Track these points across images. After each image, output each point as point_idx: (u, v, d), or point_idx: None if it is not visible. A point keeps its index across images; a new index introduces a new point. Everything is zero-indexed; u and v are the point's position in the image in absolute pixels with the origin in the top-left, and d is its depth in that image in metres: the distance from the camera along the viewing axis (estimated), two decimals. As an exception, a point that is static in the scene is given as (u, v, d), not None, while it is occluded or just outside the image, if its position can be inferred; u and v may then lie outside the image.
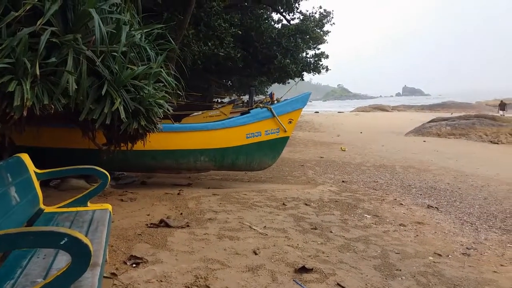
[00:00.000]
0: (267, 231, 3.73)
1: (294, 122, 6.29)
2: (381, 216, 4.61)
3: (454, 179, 7.25)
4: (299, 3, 14.43)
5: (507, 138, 14.32)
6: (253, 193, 5.40)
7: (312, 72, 15.81)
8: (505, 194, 6.04)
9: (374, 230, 4.04)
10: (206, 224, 3.85)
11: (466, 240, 3.90)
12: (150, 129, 3.79)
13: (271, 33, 12.78)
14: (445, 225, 4.42)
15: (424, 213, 4.91)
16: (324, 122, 25.46)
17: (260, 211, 4.45)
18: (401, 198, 5.70)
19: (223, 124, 5.77)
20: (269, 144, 6.02)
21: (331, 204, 5.04)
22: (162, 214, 4.08)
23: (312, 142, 14.33)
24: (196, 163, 5.64)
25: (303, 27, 13.68)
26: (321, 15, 14.88)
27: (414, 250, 3.49)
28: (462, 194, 6.01)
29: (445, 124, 16.61)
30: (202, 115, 11.38)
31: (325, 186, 6.40)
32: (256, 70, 15.44)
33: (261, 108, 6.05)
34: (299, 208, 4.73)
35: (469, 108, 39.32)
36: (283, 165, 8.50)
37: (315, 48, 15.41)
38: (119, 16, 3.42)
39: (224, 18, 10.18)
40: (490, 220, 4.72)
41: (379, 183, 6.89)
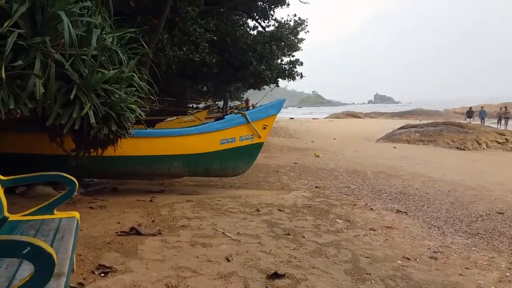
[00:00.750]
0: (241, 237, 3.72)
1: (268, 128, 6.33)
2: (353, 221, 4.70)
3: (422, 184, 7.49)
4: (274, 10, 14.65)
5: (473, 145, 14.94)
6: (227, 199, 5.38)
7: (287, 79, 16.02)
8: (470, 199, 6.29)
9: (345, 235, 4.11)
10: (179, 231, 3.80)
11: (433, 244, 4.03)
12: (121, 135, 3.73)
13: (247, 40, 12.88)
14: (413, 229, 4.55)
15: (394, 217, 5.04)
16: (299, 128, 25.72)
17: (234, 217, 4.44)
18: (372, 203, 5.83)
19: (197, 130, 5.74)
20: (244, 150, 6.02)
21: (305, 210, 5.09)
22: (133, 221, 4.00)
23: (287, 148, 14.44)
24: (170, 169, 5.57)
25: (278, 34, 13.85)
26: (295, 23, 15.13)
27: (383, 254, 3.57)
28: (430, 199, 6.21)
29: (414, 131, 17.15)
30: (177, 121, 11.26)
31: (299, 191, 6.47)
32: (232, 76, 15.49)
33: (235, 114, 6.06)
34: (273, 213, 4.75)
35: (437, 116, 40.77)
36: (258, 171, 8.52)
37: (290, 55, 15.63)
38: (90, 19, 3.35)
39: (200, 23, 10.17)
40: (456, 224, 4.89)
41: (351, 188, 7.02)
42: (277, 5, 14.44)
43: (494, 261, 3.66)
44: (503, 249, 4.01)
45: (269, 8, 14.51)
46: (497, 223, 4.96)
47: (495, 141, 15.24)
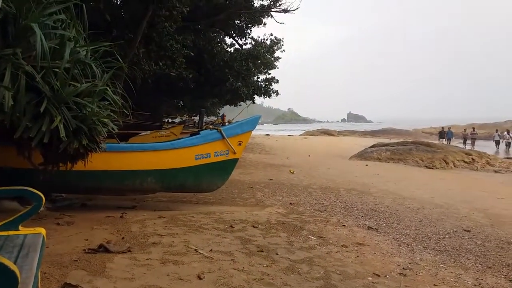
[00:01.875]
0: (213, 255, 3.68)
1: (243, 144, 6.36)
2: (325, 238, 4.74)
3: (392, 202, 7.67)
4: (251, 29, 14.90)
5: (440, 164, 15.48)
6: (201, 216, 5.33)
7: (263, 96, 16.23)
8: (438, 216, 6.48)
9: (318, 252, 4.14)
10: (150, 248, 3.72)
11: (403, 261, 4.11)
12: (92, 149, 3.65)
13: (224, 56, 13.01)
14: (384, 246, 4.64)
15: (365, 234, 5.13)
16: (274, 144, 25.90)
17: (207, 234, 4.40)
18: (344, 220, 5.91)
19: (172, 145, 5.69)
20: (219, 165, 6.00)
21: (278, 226, 5.10)
22: (102, 238, 3.89)
23: (262, 164, 14.48)
24: (142, 184, 5.48)
25: (254, 52, 14.08)
26: (272, 42, 15.43)
27: (354, 271, 3.62)
28: (400, 216, 6.36)
29: (385, 149, 17.62)
30: (151, 135, 11.12)
31: (273, 208, 6.48)
32: (208, 92, 15.54)
33: (211, 129, 6.05)
34: (246, 230, 4.73)
35: (407, 135, 42.08)
36: (233, 187, 8.49)
37: (266, 72, 15.89)
38: (64, 32, 3.31)
39: (177, 39, 10.20)
40: (425, 241, 5.02)
41: (324, 205, 7.10)
42: (254, 24, 14.73)
43: (461, 277, 3.77)
44: (470, 266, 4.14)
45: (246, 26, 14.77)
46: (464, 240, 5.13)
47: (462, 161, 15.86)
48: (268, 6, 13.38)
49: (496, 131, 28.02)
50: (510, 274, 3.91)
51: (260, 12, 13.71)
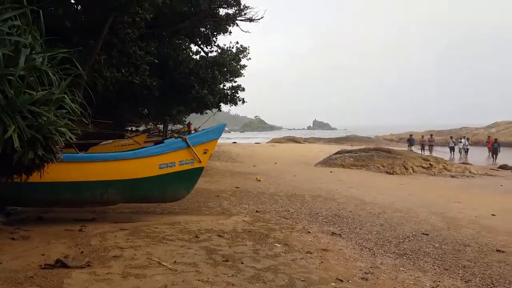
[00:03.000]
0: (177, 266, 3.62)
1: (209, 152, 6.32)
2: (290, 245, 4.78)
3: (355, 207, 7.86)
4: (216, 37, 14.91)
5: (400, 169, 16.07)
6: (165, 226, 5.23)
7: (229, 104, 16.25)
8: (398, 221, 6.70)
9: (283, 259, 4.17)
10: (110, 262, 3.60)
11: (365, 265, 4.22)
12: (48, 159, 3.50)
13: (189, 64, 12.92)
14: (347, 251, 4.74)
15: (329, 240, 5.22)
16: (241, 152, 25.89)
17: (171, 245, 4.32)
18: (309, 226, 5.99)
19: (135, 154, 5.56)
20: (184, 174, 5.92)
21: (244, 235, 5.10)
22: (60, 253, 3.73)
23: (229, 172, 14.43)
24: (103, 195, 5.30)
25: (220, 60, 14.09)
26: (238, 50, 15.50)
27: (318, 277, 3.67)
28: (362, 221, 6.53)
29: (349, 156, 18.08)
30: (113, 144, 10.78)
31: (239, 216, 6.47)
32: (174, 99, 15.34)
33: (175, 138, 5.97)
34: (212, 240, 4.69)
35: (369, 142, 43.42)
36: (198, 195, 8.39)
37: (232, 80, 15.92)
38: (19, 38, 3.18)
39: (140, 45, 10.03)
40: (386, 245, 5.18)
41: (290, 212, 7.17)
42: (219, 32, 14.76)
43: (420, 280, 3.91)
44: (428, 269, 4.30)
45: (211, 34, 14.77)
46: (423, 243, 5.32)
47: (420, 166, 16.55)
48: (234, 15, 13.46)
49: (450, 138, 29.48)
50: (466, 276, 4.09)
51: (225, 21, 13.78)
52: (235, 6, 13.38)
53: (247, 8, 13.43)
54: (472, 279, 3.96)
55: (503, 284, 3.84)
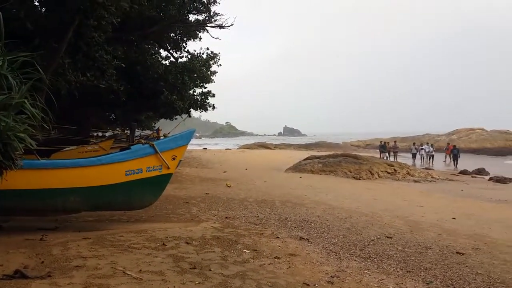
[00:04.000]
0: (143, 275, 3.54)
1: (178, 158, 6.25)
2: (259, 250, 4.80)
3: (323, 212, 8.00)
4: (186, 42, 14.80)
5: (367, 175, 16.53)
6: (131, 234, 5.11)
7: (199, 110, 16.13)
8: (364, 225, 6.88)
9: (251, 265, 4.17)
10: (72, 272, 3.48)
11: (331, 269, 4.30)
12: (7, 166, 3.35)
13: (158, 69, 12.73)
14: (314, 255, 4.81)
15: (297, 244, 5.28)
16: (211, 158, 25.76)
17: (137, 254, 4.23)
18: (278, 232, 6.03)
19: (99, 160, 5.41)
20: (151, 181, 5.82)
21: (213, 241, 5.06)
22: (19, 263, 3.56)
23: (198, 178, 14.31)
24: (66, 203, 5.12)
25: (190, 66, 13.97)
26: (208, 56, 15.44)
27: (285, 282, 3.70)
28: (329, 226, 6.65)
29: (318, 161, 18.40)
30: (77, 150, 10.43)
31: (209, 223, 6.42)
32: (142, 105, 15.06)
33: (142, 144, 5.86)
34: (179, 247, 4.63)
35: (337, 148, 44.37)
36: (167, 202, 8.27)
37: (202, 86, 15.83)
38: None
39: (107, 49, 9.79)
40: (352, 249, 5.30)
41: (260, 217, 7.19)
42: (189, 38, 14.66)
43: (383, 282, 4.02)
44: (391, 271, 4.43)
45: (181, 40, 14.65)
46: (386, 246, 5.49)
47: (385, 172, 17.09)
48: (204, 21, 13.41)
49: (413, 144, 30.59)
50: (427, 277, 4.24)
51: (195, 26, 13.70)
52: (205, 13, 13.36)
53: (217, 15, 13.45)
54: (433, 281, 4.11)
55: (462, 285, 4.01)
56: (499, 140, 46.05)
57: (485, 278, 4.24)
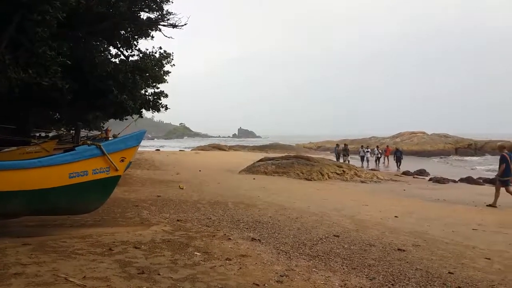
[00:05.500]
0: (86, 282, 3.40)
1: (127, 160, 6.05)
2: (210, 252, 4.78)
3: (275, 213, 8.14)
4: (137, 40, 14.39)
5: (317, 176, 17.04)
6: (75, 240, 4.88)
7: (151, 110, 15.76)
8: (313, 224, 7.09)
9: (202, 267, 4.15)
10: (10, 280, 3.27)
11: (280, 268, 4.39)
12: None
13: (107, 67, 12.26)
14: (265, 255, 4.88)
15: (248, 245, 5.32)
16: (164, 160, 25.23)
17: (81, 260, 4.05)
18: (230, 233, 6.05)
19: (41, 162, 5.10)
20: (98, 184, 5.58)
21: (163, 245, 4.97)
22: None
23: (150, 180, 13.96)
24: (4, 208, 4.78)
25: (142, 65, 13.62)
26: (161, 56, 15.14)
27: (236, 283, 3.73)
28: (281, 226, 6.78)
29: (271, 163, 18.68)
30: (17, 151, 9.77)
31: (159, 226, 6.29)
32: (89, 104, 14.44)
33: (88, 145, 5.62)
34: (127, 252, 4.50)
35: (290, 150, 45.34)
36: (115, 206, 7.98)
37: (155, 86, 15.49)
38: None
39: (51, 45, 9.29)
40: (301, 248, 5.43)
41: (212, 219, 7.16)
42: (141, 36, 14.28)
43: (329, 280, 4.16)
44: (337, 269, 4.59)
45: (132, 38, 14.23)
46: (334, 245, 5.68)
47: (335, 173, 17.72)
48: (156, 20, 13.14)
49: (361, 147, 32.04)
50: (371, 274, 4.44)
51: (147, 25, 13.38)
52: (158, 11, 13.09)
53: (170, 14, 13.23)
54: (376, 277, 4.30)
55: (403, 281, 4.24)
56: (439, 143, 49.54)
57: (424, 273, 4.49)
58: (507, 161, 10.91)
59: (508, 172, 10.92)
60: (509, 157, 10.95)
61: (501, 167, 11.00)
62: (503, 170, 10.92)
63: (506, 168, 10.89)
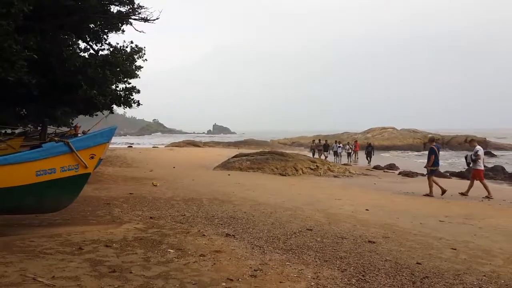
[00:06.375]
0: (56, 282, 3.32)
1: (97, 157, 5.92)
2: (184, 249, 4.76)
3: (250, 208, 8.17)
4: (107, 34, 14.00)
5: (292, 171, 17.22)
6: (43, 239, 4.74)
7: (123, 106, 15.39)
8: (287, 219, 7.17)
9: (175, 264, 4.13)
10: (-28, 283, 3.14)
11: (254, 263, 4.42)
12: None
13: (76, 62, 11.86)
14: (239, 250, 4.91)
15: (223, 241, 5.33)
16: (137, 157, 24.78)
17: (50, 259, 3.94)
18: (204, 229, 6.04)
19: (6, 160, 4.91)
20: (66, 182, 5.43)
21: (135, 243, 4.91)
22: None
23: (122, 177, 13.70)
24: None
25: (112, 60, 13.26)
26: (132, 50, 14.78)
27: (209, 279, 3.73)
28: (255, 221, 6.82)
29: (246, 159, 18.71)
30: (-19, 149, 9.33)
31: (131, 224, 6.20)
32: (58, 100, 13.94)
33: (56, 142, 5.44)
34: (98, 251, 4.41)
35: (265, 145, 45.63)
36: (85, 204, 7.79)
37: (126, 81, 15.13)
38: None
39: (17, 39, 8.90)
40: (275, 242, 5.49)
41: (186, 216, 7.12)
42: (111, 30, 13.88)
43: (302, 272, 4.23)
44: (310, 261, 4.67)
45: (102, 32, 13.82)
46: (307, 238, 5.78)
47: (308, 168, 17.96)
48: (127, 13, 12.79)
49: (335, 142, 32.60)
50: (342, 266, 4.54)
51: (117, 18, 13.01)
52: (129, 5, 12.77)
53: (142, 7, 12.92)
54: (347, 269, 4.41)
55: (373, 271, 4.36)
56: (408, 138, 51.10)
57: (393, 264, 4.63)
58: (435, 153, 12.05)
59: (436, 162, 12.03)
60: (437, 149, 12.19)
61: (430, 158, 12.05)
62: (433, 161, 11.95)
63: (435, 159, 11.97)
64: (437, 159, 12.03)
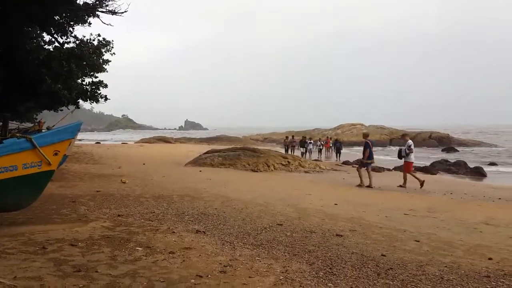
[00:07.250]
0: (18, 282, 3.20)
1: (61, 154, 5.72)
2: (153, 247, 4.70)
3: (221, 204, 8.16)
4: (73, 27, 13.52)
5: (263, 167, 17.30)
6: (4, 239, 4.55)
7: (89, 101, 14.96)
8: (258, 214, 7.22)
9: (143, 262, 4.07)
10: None
11: (224, 259, 4.43)
12: None
13: (40, 55, 11.40)
14: (209, 247, 4.90)
15: (193, 238, 5.30)
16: (105, 153, 24.12)
17: (11, 259, 3.79)
18: (174, 226, 5.97)
19: (-38, 157, 4.67)
20: (28, 179, 5.22)
21: (102, 241, 4.80)
22: None
23: (89, 175, 13.29)
24: None
25: (78, 53, 12.83)
26: (99, 43, 14.35)
27: (178, 276, 3.71)
28: (226, 217, 6.82)
29: (218, 155, 18.63)
30: None
31: (98, 222, 6.04)
32: (21, 94, 13.36)
33: (18, 138, 5.22)
34: (63, 250, 4.28)
35: (237, 142, 45.59)
36: (49, 202, 7.51)
37: (93, 75, 14.69)
38: None
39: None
40: (245, 237, 5.52)
41: (156, 213, 7.02)
42: (77, 23, 13.41)
43: (271, 267, 4.28)
44: (279, 256, 4.73)
45: (67, 24, 13.33)
46: (277, 233, 5.84)
47: (280, 164, 18.10)
48: (93, 5, 12.39)
49: (308, 139, 33.05)
50: (311, 259, 4.62)
51: (84, 10, 12.59)
52: (96, -4, 12.40)
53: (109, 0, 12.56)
54: (316, 262, 4.50)
55: (340, 264, 4.46)
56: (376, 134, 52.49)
57: (359, 256, 4.77)
58: (370, 147, 13.38)
59: (370, 155, 13.35)
60: (371, 143, 13.60)
61: (365, 152, 13.35)
62: (368, 154, 13.24)
63: (370, 153, 13.28)
64: (371, 152, 13.33)
